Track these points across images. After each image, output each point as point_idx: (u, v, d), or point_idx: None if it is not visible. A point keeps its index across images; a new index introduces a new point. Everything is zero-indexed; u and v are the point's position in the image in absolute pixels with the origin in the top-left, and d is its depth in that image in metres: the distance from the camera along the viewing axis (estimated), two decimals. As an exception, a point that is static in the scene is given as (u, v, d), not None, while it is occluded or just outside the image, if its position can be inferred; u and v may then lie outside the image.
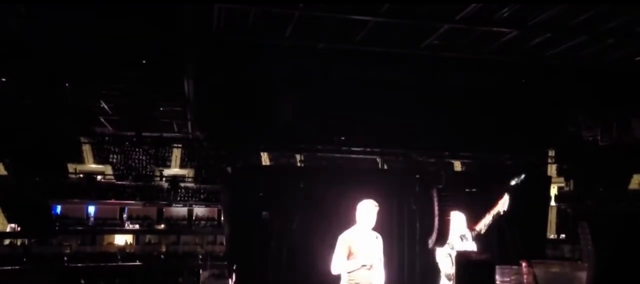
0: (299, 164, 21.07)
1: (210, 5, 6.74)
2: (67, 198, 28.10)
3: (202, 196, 29.80)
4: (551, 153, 14.43)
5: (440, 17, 7.01)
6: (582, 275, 6.97)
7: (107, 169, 29.51)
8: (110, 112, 17.64)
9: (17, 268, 25.12)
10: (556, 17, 6.85)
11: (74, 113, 18.09)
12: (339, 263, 6.06)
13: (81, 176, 28.25)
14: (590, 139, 10.84)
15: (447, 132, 9.62)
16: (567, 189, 22.25)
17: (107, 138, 24.73)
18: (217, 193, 26.90)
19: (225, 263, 19.65)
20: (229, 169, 9.66)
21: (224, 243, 21.00)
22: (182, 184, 29.44)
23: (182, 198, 29.70)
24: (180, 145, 25.91)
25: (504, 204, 6.98)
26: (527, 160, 10.30)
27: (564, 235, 21.53)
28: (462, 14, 6.81)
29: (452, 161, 13.33)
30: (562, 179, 22.25)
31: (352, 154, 10.65)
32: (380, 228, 6.36)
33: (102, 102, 16.13)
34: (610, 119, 10.20)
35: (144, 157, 30.30)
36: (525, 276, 6.75)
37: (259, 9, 6.82)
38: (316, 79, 8.75)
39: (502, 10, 6.73)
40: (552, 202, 19.55)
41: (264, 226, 8.81)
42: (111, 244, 29.90)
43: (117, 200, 28.95)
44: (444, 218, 6.80)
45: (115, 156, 29.89)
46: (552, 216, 21.38)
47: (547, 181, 11.05)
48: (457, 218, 6.81)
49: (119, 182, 29.00)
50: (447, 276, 6.49)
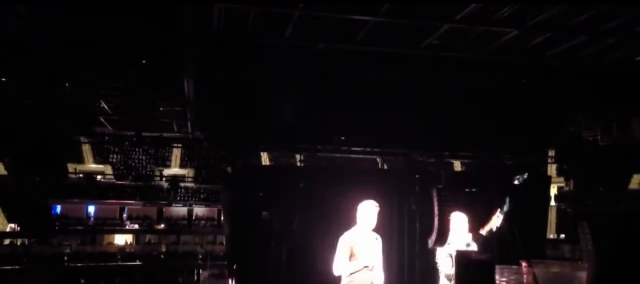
0: (299, 164, 21.04)
1: (210, 5, 6.74)
2: (67, 198, 28.06)
3: (202, 196, 29.77)
4: (551, 153, 14.42)
5: (440, 17, 7.01)
6: (582, 275, 6.99)
7: (107, 169, 29.47)
8: (110, 112, 17.66)
9: (17, 267, 25.06)
10: (556, 17, 6.86)
11: (74, 113, 18.09)
12: (341, 264, 6.04)
13: (81, 175, 28.20)
14: (590, 139, 10.84)
15: (447, 132, 9.62)
16: (567, 189, 22.22)
17: (107, 138, 24.71)
18: (217, 193, 26.87)
19: (225, 263, 19.65)
20: (229, 169, 9.65)
21: (224, 243, 20.98)
22: (182, 184, 29.41)
23: (182, 198, 29.66)
24: (180, 145, 25.89)
25: (497, 220, 7.00)
26: (527, 160, 10.30)
27: (564, 235, 21.50)
28: (462, 14, 6.82)
29: (452, 161, 13.33)
30: (562, 179, 22.22)
31: (352, 154, 10.66)
32: (380, 228, 6.34)
33: (102, 102, 16.15)
34: (610, 119, 10.20)
35: (144, 157, 30.27)
36: (525, 276, 6.76)
37: (259, 9, 6.82)
38: (316, 79, 8.75)
39: (502, 10, 6.73)
40: (552, 202, 19.53)
41: (264, 226, 8.82)
42: (111, 244, 29.87)
43: (117, 200, 28.90)
44: (444, 217, 6.80)
45: (115, 156, 29.85)
46: (552, 216, 21.35)
47: (547, 181, 11.06)
48: (459, 218, 6.79)
49: (119, 182, 28.95)
50: (447, 276, 6.47)
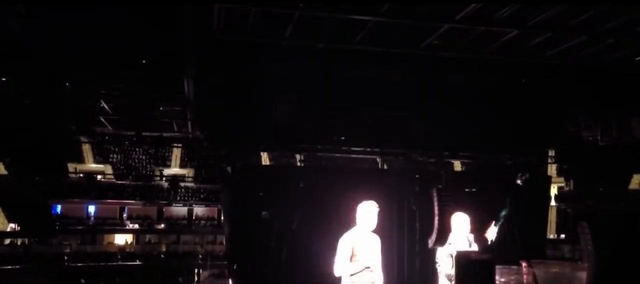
0: (299, 164, 21.02)
1: (210, 5, 6.74)
2: (67, 198, 28.03)
3: (202, 196, 29.76)
4: (551, 153, 14.42)
5: (440, 17, 7.01)
6: (582, 275, 7.00)
7: (107, 168, 29.46)
8: (110, 112, 17.67)
9: (17, 267, 25.03)
10: (556, 17, 6.85)
11: (74, 113, 18.09)
12: (342, 266, 6.04)
13: (81, 175, 28.19)
14: (590, 139, 10.83)
15: (447, 132, 9.62)
16: (567, 189, 22.19)
17: (107, 138, 24.70)
18: (217, 193, 26.85)
19: (225, 263, 19.65)
20: (229, 169, 9.65)
21: (224, 243, 20.98)
22: (182, 183, 29.39)
23: (182, 198, 29.64)
24: (180, 145, 25.88)
25: (492, 233, 7.01)
26: (527, 160, 10.30)
27: (564, 235, 21.48)
28: (462, 14, 6.81)
29: (452, 161, 13.32)
30: (562, 179, 22.20)
31: (352, 154, 10.67)
32: (380, 228, 6.34)
33: (102, 102, 16.16)
34: (610, 119, 10.19)
35: (144, 157, 30.27)
36: (525, 276, 6.77)
37: (259, 9, 6.81)
38: (316, 79, 8.74)
39: (502, 10, 6.73)
40: (552, 202, 19.51)
41: (264, 226, 8.81)
42: (111, 243, 29.85)
43: (117, 200, 28.87)
44: (444, 217, 6.80)
45: (115, 156, 29.84)
46: (552, 216, 21.34)
47: (547, 181, 11.05)
48: (461, 219, 6.78)
49: (119, 182, 28.92)
50: (447, 276, 6.47)
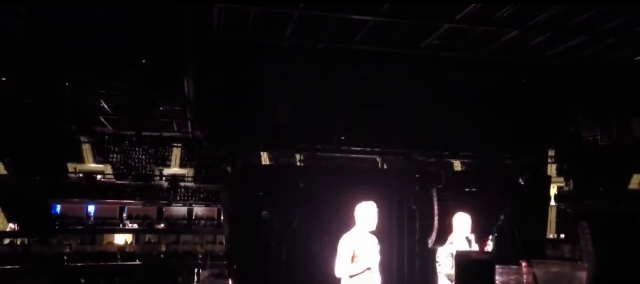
0: (298, 163, 21.03)
1: (210, 5, 6.73)
2: (67, 198, 28.04)
3: (202, 196, 29.76)
4: (551, 153, 14.43)
5: (440, 17, 7.00)
6: (582, 275, 6.98)
7: (107, 168, 29.47)
8: (110, 112, 17.66)
9: (17, 267, 25.03)
10: (556, 17, 6.85)
11: (74, 113, 18.10)
12: (343, 267, 6.04)
13: (81, 175, 28.20)
14: (590, 139, 10.83)
15: (447, 132, 9.62)
16: (567, 189, 22.21)
17: (107, 137, 24.74)
18: (217, 193, 26.86)
19: (225, 263, 19.64)
20: (229, 168, 9.65)
21: (224, 243, 20.98)
22: (182, 183, 29.39)
23: (182, 198, 29.65)
24: (180, 144, 25.89)
25: (490, 246, 7.02)
26: (527, 160, 10.30)
27: (564, 235, 21.50)
28: (462, 14, 6.80)
29: (452, 160, 13.34)
30: (562, 179, 22.22)
31: (352, 153, 10.67)
32: (380, 228, 6.34)
33: (102, 102, 16.16)
34: (610, 119, 10.18)
35: (143, 157, 30.27)
36: (525, 276, 6.75)
37: (259, 9, 6.81)
38: (316, 79, 8.74)
39: (502, 10, 6.72)
40: (552, 202, 19.53)
41: (264, 226, 8.81)
42: (111, 243, 29.85)
43: (117, 199, 28.87)
44: (444, 217, 6.80)
45: (115, 156, 29.85)
46: (552, 216, 21.36)
47: (547, 181, 11.05)
48: (462, 219, 6.78)
49: (119, 182, 28.94)
50: (448, 276, 6.47)
